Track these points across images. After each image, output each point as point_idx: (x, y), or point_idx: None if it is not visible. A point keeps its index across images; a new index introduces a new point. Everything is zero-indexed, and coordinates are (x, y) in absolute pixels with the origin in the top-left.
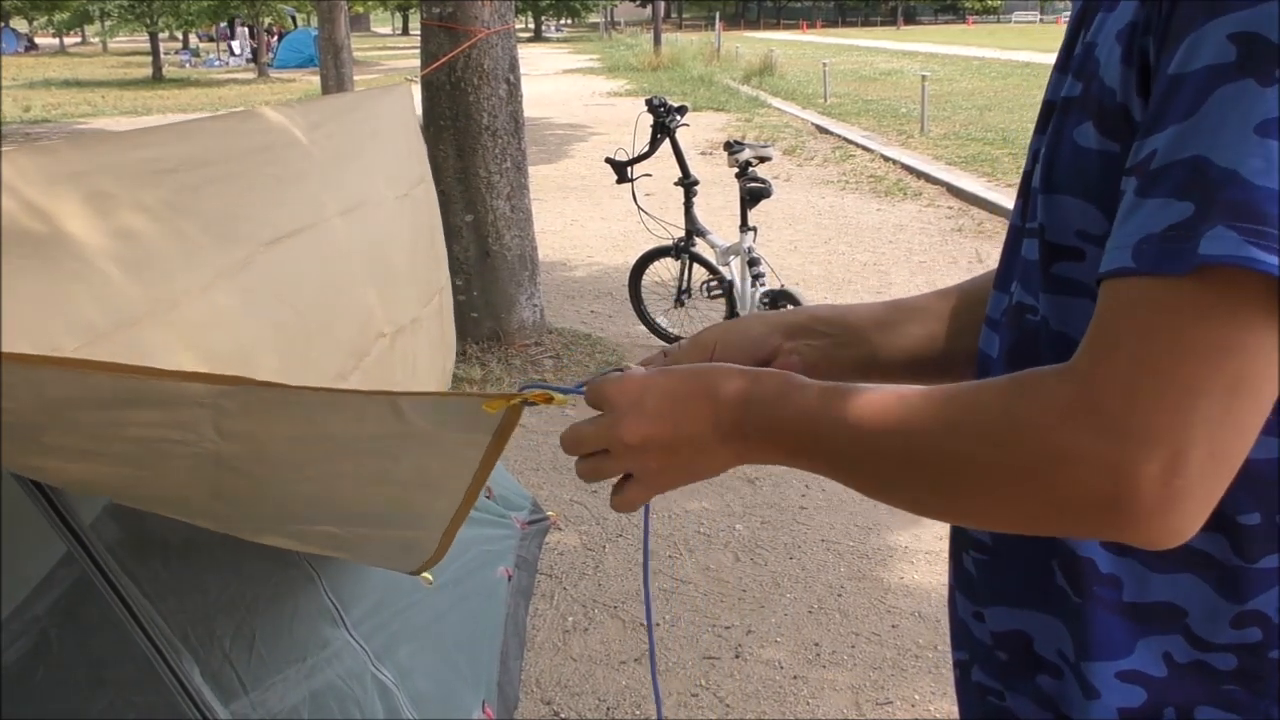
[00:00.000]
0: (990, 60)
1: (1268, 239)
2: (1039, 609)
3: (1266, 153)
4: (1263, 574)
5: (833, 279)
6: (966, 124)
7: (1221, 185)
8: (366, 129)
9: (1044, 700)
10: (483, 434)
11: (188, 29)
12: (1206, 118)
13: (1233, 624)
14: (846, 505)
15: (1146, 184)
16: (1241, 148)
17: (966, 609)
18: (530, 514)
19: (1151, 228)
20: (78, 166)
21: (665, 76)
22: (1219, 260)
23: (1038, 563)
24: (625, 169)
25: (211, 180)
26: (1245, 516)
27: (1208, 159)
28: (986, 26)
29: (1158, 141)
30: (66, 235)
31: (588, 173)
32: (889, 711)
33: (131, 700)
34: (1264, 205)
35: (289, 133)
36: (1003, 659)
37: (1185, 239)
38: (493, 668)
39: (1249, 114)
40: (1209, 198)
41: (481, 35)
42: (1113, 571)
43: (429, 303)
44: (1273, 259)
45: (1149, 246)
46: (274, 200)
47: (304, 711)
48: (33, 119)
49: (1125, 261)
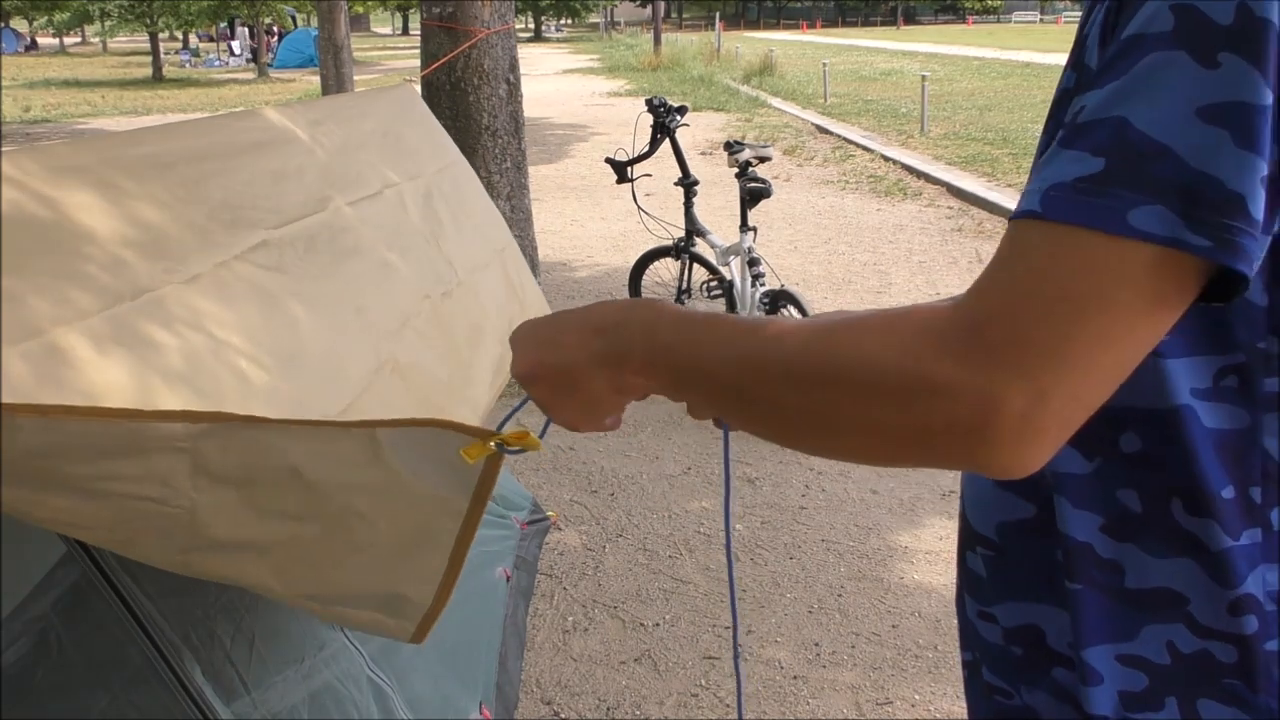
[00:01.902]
0: (990, 60)
1: (1203, 225)
2: (1049, 602)
3: (1207, 138)
4: (1246, 551)
5: (833, 279)
6: (966, 124)
7: (1149, 156)
8: (369, 126)
9: (1060, 693)
10: (461, 496)
11: (188, 29)
12: (1136, 82)
13: (1229, 611)
14: (846, 505)
15: (1070, 135)
16: (1176, 125)
17: (974, 609)
18: (530, 514)
19: (1062, 177)
20: (81, 162)
21: (665, 76)
22: (1152, 238)
23: (1045, 555)
24: (625, 169)
25: (211, 174)
26: (1225, 491)
27: (1128, 121)
28: (986, 26)
29: (1090, 98)
30: (76, 221)
31: (588, 173)
32: (889, 711)
33: (131, 700)
34: (1199, 188)
35: (288, 130)
36: (1018, 654)
37: (1097, 194)
38: (491, 668)
39: (1186, 91)
40: (1129, 162)
41: (481, 35)
42: (1114, 557)
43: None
44: (1207, 243)
45: (1057, 194)
46: (275, 192)
47: (302, 712)
48: (33, 119)
49: (1033, 206)
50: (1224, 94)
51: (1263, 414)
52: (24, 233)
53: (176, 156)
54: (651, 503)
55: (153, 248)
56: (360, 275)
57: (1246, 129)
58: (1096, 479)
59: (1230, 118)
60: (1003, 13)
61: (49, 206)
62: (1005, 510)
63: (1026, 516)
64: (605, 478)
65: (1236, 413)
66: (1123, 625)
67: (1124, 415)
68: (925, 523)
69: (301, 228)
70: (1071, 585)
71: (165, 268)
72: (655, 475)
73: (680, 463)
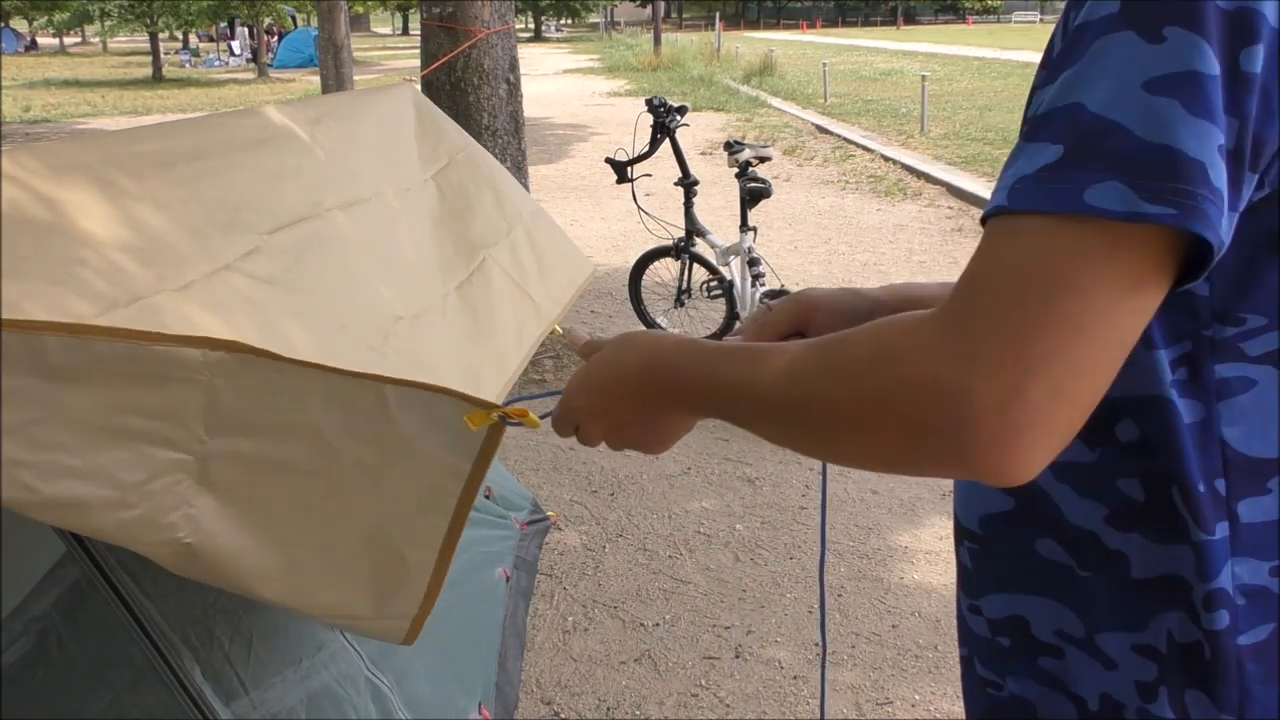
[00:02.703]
0: (990, 60)
1: (1162, 194)
2: (1032, 591)
3: (1157, 109)
4: (1220, 545)
5: (833, 279)
6: (966, 124)
7: (1101, 134)
8: (368, 125)
9: (1049, 679)
10: (463, 459)
11: (188, 29)
12: (1087, 66)
13: (1204, 605)
14: (846, 505)
15: (1031, 130)
16: (1125, 101)
17: (965, 603)
18: (530, 514)
19: (1026, 170)
20: (80, 160)
21: (665, 76)
22: (1109, 214)
23: (1023, 545)
24: (625, 169)
25: (210, 173)
26: (1200, 484)
27: (1082, 105)
28: (986, 26)
29: (1048, 91)
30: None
31: (588, 173)
32: (889, 711)
33: (131, 700)
34: (1152, 159)
35: (288, 128)
36: (1005, 645)
37: (1056, 180)
38: (490, 669)
39: (1132, 67)
40: (1084, 144)
41: (481, 35)
42: (1119, 548)
43: (472, 269)
44: (1169, 211)
45: (1022, 186)
46: (272, 193)
47: (301, 713)
48: (33, 119)
49: (1001, 201)
50: (1170, 65)
51: (1216, 403)
52: (22, 235)
53: (176, 155)
54: (651, 503)
55: (148, 252)
56: (346, 289)
57: (1197, 97)
58: (1099, 468)
59: (1179, 87)
60: (1003, 13)
61: (48, 207)
62: (986, 503)
63: (1006, 509)
64: (605, 478)
65: (1194, 405)
66: (1137, 614)
67: (1117, 404)
68: (925, 523)
69: (293, 235)
70: (1081, 573)
71: (159, 274)
72: (655, 475)
73: (680, 463)
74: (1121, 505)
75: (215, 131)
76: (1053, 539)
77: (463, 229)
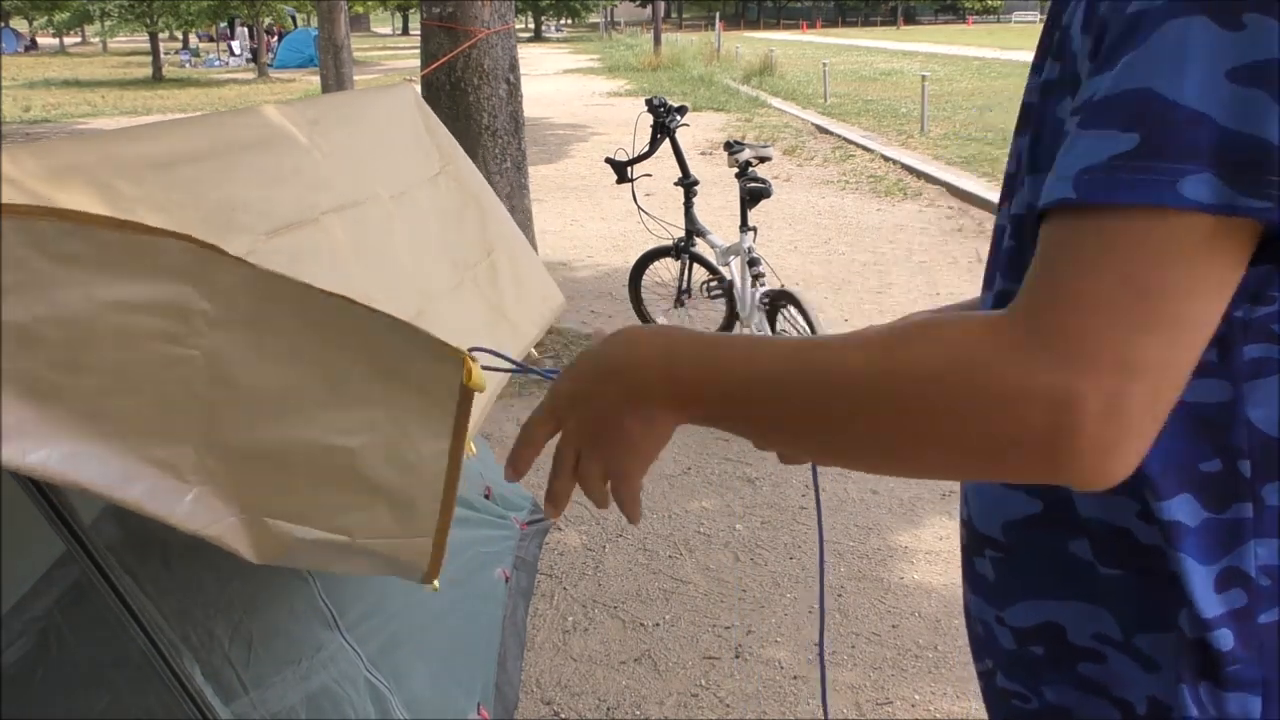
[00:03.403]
0: (990, 60)
1: (1258, 187)
2: (1066, 596)
3: (1244, 98)
4: (1231, 525)
5: (833, 279)
6: (966, 124)
7: (1183, 124)
8: (366, 127)
9: (1090, 686)
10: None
11: (188, 29)
12: (1155, 52)
13: (1214, 587)
14: (846, 505)
15: (1090, 117)
16: (1208, 89)
17: (987, 614)
18: (530, 514)
19: (1093, 159)
20: (77, 160)
21: (665, 76)
22: (1205, 207)
23: (1054, 548)
24: (625, 169)
25: (209, 173)
26: (1207, 464)
27: (1155, 91)
28: (986, 26)
29: (1103, 79)
30: None
31: (588, 173)
32: (889, 711)
33: (131, 700)
34: (1243, 150)
35: (286, 129)
36: (1038, 654)
37: (1138, 170)
38: (489, 669)
39: (1213, 55)
40: (1164, 133)
41: (481, 35)
42: (1153, 543)
43: (462, 278)
44: (1266, 204)
45: (1091, 177)
46: (270, 194)
47: (300, 713)
48: (33, 119)
49: (1066, 193)
50: (1254, 54)
51: (1244, 384)
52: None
53: (175, 156)
54: (651, 503)
55: None
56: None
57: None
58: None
59: (1265, 77)
60: (1003, 13)
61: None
62: (1010, 509)
63: (1034, 512)
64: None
65: (1219, 385)
66: (1169, 611)
67: None
68: (925, 523)
69: (289, 238)
70: (1116, 573)
71: None
72: (655, 475)
73: (680, 463)
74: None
75: (213, 132)
76: (1086, 539)
77: (450, 240)
